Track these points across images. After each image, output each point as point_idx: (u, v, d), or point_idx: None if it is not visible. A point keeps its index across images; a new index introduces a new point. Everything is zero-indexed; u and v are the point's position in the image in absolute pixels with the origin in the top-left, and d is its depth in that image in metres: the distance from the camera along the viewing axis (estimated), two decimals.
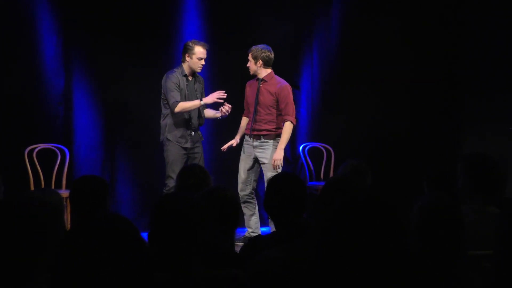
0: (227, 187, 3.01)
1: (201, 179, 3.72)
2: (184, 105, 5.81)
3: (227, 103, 5.91)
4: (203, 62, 5.91)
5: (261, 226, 6.26)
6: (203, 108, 6.04)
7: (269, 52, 5.95)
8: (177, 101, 5.79)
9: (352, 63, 7.19)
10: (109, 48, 6.52)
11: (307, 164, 7.02)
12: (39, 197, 2.84)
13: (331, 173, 6.86)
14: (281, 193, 2.82)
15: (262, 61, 5.92)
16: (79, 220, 3.13)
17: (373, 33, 7.17)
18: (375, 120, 7.17)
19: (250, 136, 6.02)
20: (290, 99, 5.92)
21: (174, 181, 5.67)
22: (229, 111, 5.90)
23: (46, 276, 1.67)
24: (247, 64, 6.00)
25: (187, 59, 5.89)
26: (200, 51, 5.87)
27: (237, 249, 3.07)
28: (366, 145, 6.99)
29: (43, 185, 6.14)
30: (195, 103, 5.84)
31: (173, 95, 5.79)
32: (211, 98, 5.84)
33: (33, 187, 6.08)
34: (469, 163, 3.26)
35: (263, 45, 5.97)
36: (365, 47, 7.17)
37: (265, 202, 2.91)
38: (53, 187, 6.15)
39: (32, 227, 1.76)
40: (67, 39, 6.48)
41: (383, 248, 1.38)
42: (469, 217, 2.89)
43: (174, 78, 5.83)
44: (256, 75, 6.01)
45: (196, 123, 5.99)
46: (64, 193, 5.36)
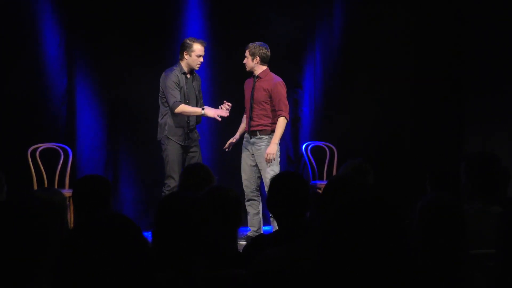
0: (229, 187, 3.01)
1: (204, 179, 3.74)
2: (185, 108, 5.79)
3: (226, 101, 5.92)
4: (201, 59, 5.91)
5: (263, 225, 6.26)
6: (201, 106, 6.04)
7: (266, 49, 5.99)
8: (178, 101, 5.77)
9: (354, 62, 7.19)
10: (112, 48, 6.53)
11: (310, 163, 7.02)
12: (42, 197, 2.85)
13: (334, 172, 6.86)
14: (284, 192, 2.82)
15: (259, 57, 5.95)
16: (81, 219, 3.14)
17: (375, 32, 7.16)
18: (378, 119, 7.17)
19: (248, 133, 6.06)
20: (283, 95, 5.94)
21: (175, 180, 5.68)
22: (229, 109, 5.90)
23: (49, 276, 1.68)
24: (244, 60, 6.02)
25: (186, 57, 5.87)
26: (198, 49, 5.86)
27: (240, 248, 3.08)
28: (368, 144, 6.99)
29: (46, 185, 6.15)
30: (196, 110, 5.81)
31: (174, 94, 5.77)
32: (213, 112, 5.81)
33: (36, 186, 6.09)
34: (471, 163, 3.26)
35: (260, 42, 6.02)
36: (368, 46, 7.17)
37: (268, 201, 2.91)
38: (56, 187, 6.16)
39: (35, 226, 1.77)
40: (70, 39, 6.49)
41: (384, 248, 1.38)
42: (471, 217, 2.89)
43: (174, 76, 5.81)
44: (252, 72, 6.04)
45: (194, 122, 5.99)
46: (67, 192, 5.37)
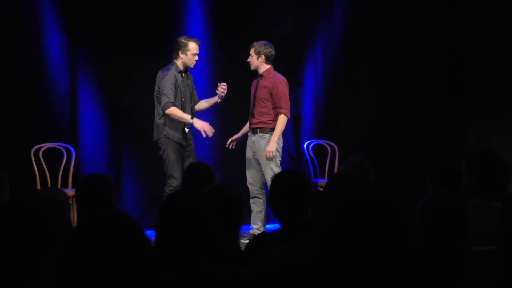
0: (231, 185, 3.01)
1: (206, 177, 3.74)
2: (176, 111, 5.76)
3: (220, 83, 5.94)
4: (197, 57, 5.93)
5: (266, 223, 6.27)
6: (194, 104, 6.07)
7: (271, 48, 6.02)
8: (171, 103, 5.74)
9: (355, 61, 7.19)
10: (114, 47, 6.54)
11: (311, 161, 7.02)
12: (45, 196, 2.87)
13: (336, 170, 6.86)
14: (286, 191, 2.82)
15: (264, 56, 5.97)
16: (84, 218, 3.14)
17: (376, 30, 7.16)
18: (379, 117, 7.17)
19: (250, 131, 6.08)
20: (283, 93, 5.95)
21: (176, 180, 5.70)
22: (225, 90, 5.92)
23: (52, 275, 1.69)
24: (248, 59, 6.03)
25: (181, 56, 5.87)
26: (194, 47, 5.87)
27: (242, 246, 3.08)
28: (370, 142, 6.99)
29: (49, 184, 6.17)
30: (186, 117, 5.78)
31: (168, 94, 5.75)
32: (201, 125, 5.77)
33: (39, 186, 6.10)
34: (473, 159, 3.25)
35: (265, 41, 6.04)
36: (369, 44, 7.17)
37: (269, 199, 2.91)
38: (59, 186, 6.17)
39: (38, 226, 1.77)
40: (72, 39, 6.50)
41: (385, 247, 1.39)
42: (473, 214, 2.89)
43: (171, 76, 5.79)
44: (256, 72, 6.04)
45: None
46: (70, 192, 5.38)
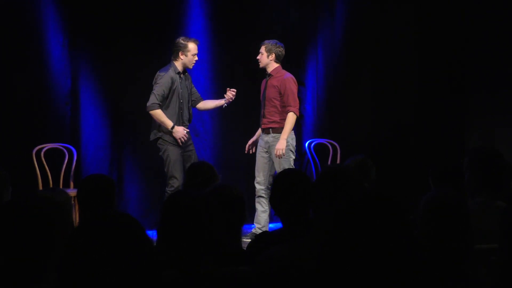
0: (233, 185, 3.01)
1: (208, 177, 3.74)
2: (159, 115, 5.75)
3: (229, 88, 5.94)
4: (196, 58, 5.94)
5: (269, 222, 6.27)
6: (194, 104, 6.08)
7: (282, 48, 6.04)
8: (158, 104, 5.75)
9: (356, 59, 7.19)
10: (115, 47, 6.53)
11: (313, 160, 7.02)
12: (47, 197, 2.87)
13: None
14: (287, 191, 2.82)
15: (275, 55, 5.99)
16: (86, 218, 3.15)
17: (377, 29, 7.16)
18: (381, 115, 7.16)
19: (262, 130, 6.10)
20: (292, 91, 5.95)
21: (178, 180, 5.72)
22: (234, 96, 5.94)
23: (55, 275, 1.69)
24: (258, 56, 6.03)
25: (181, 57, 5.88)
26: (194, 47, 5.88)
27: (244, 245, 3.08)
28: (371, 140, 6.99)
29: (51, 185, 6.16)
30: (168, 123, 5.75)
31: (158, 95, 5.75)
32: (180, 134, 5.75)
33: (41, 186, 6.10)
34: (475, 157, 3.25)
35: (276, 40, 6.06)
36: (370, 42, 7.17)
37: (271, 199, 2.91)
38: (61, 187, 6.18)
39: (40, 226, 1.77)
40: (74, 40, 6.49)
41: (385, 246, 1.39)
42: (476, 212, 2.89)
43: (168, 79, 5.78)
44: (265, 70, 6.05)
45: (187, 122, 6.01)
46: (72, 192, 5.39)
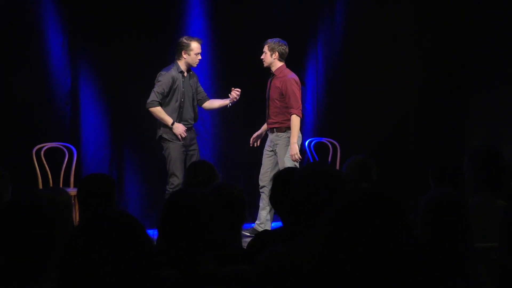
0: (233, 184, 3.01)
1: (209, 176, 3.74)
2: (160, 113, 5.80)
3: (234, 88, 5.95)
4: (200, 56, 5.95)
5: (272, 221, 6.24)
6: (200, 103, 6.10)
7: (285, 46, 6.04)
8: (157, 102, 5.79)
9: (357, 58, 7.18)
10: (115, 47, 6.53)
11: (313, 159, 7.01)
12: (47, 196, 2.86)
13: (338, 168, 6.86)
14: (286, 190, 2.82)
15: (278, 53, 5.99)
16: (86, 218, 3.15)
17: (377, 29, 7.15)
18: (381, 115, 7.16)
19: (268, 129, 6.14)
20: (292, 92, 5.94)
21: (178, 179, 5.73)
22: (238, 96, 5.96)
23: (55, 274, 1.69)
24: (262, 56, 6.03)
25: (185, 56, 5.89)
26: (196, 46, 5.89)
27: (245, 243, 3.08)
28: (371, 139, 6.99)
29: (51, 184, 6.16)
30: (168, 120, 5.80)
31: (158, 94, 5.79)
32: (179, 131, 5.79)
33: (41, 186, 6.10)
34: (475, 156, 3.26)
35: (279, 39, 6.05)
36: (370, 42, 7.16)
37: (271, 197, 2.92)
38: (61, 186, 6.17)
39: (40, 225, 1.77)
40: (73, 39, 6.49)
41: (385, 246, 1.39)
42: (476, 211, 2.89)
43: (169, 78, 5.81)
44: (269, 69, 6.04)
45: (191, 121, 6.01)
46: (72, 191, 5.39)
